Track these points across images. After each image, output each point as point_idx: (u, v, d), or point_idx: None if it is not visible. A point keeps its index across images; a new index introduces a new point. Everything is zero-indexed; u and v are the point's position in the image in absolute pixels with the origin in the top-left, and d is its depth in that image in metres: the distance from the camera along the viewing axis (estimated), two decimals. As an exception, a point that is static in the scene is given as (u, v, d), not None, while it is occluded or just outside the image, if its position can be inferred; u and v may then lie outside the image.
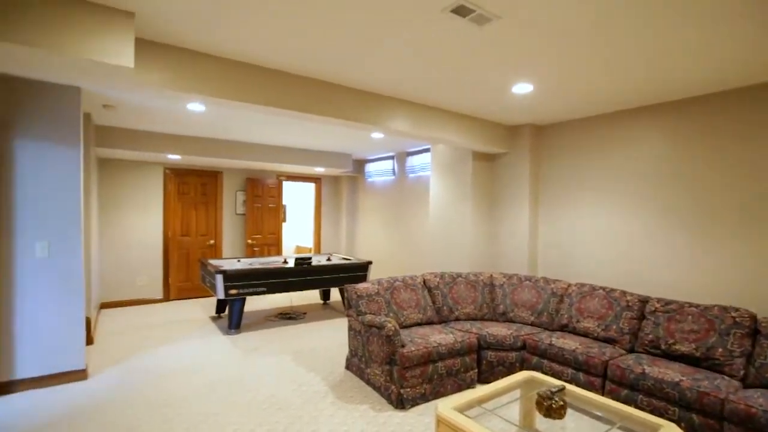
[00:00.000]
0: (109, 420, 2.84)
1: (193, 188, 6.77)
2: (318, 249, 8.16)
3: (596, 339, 3.42)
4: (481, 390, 2.48)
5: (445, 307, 4.06)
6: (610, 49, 2.54)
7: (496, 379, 3.51)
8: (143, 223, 6.35)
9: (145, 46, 2.56)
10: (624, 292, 3.50)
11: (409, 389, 3.10)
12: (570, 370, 3.16)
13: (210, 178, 6.92)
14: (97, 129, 5.03)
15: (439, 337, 3.38)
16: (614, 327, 3.36)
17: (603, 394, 2.96)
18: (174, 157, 5.84)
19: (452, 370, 3.33)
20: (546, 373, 3.29)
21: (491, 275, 4.35)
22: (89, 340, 4.39)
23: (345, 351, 4.33)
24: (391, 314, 3.69)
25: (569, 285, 3.92)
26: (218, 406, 3.07)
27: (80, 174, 3.50)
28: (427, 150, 6.35)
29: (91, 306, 4.55)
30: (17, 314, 3.28)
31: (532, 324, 3.88)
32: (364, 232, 7.96)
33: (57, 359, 3.42)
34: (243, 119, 4.61)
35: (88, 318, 4.35)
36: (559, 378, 3.19)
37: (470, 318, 4.08)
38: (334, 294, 7.15)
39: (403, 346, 3.17)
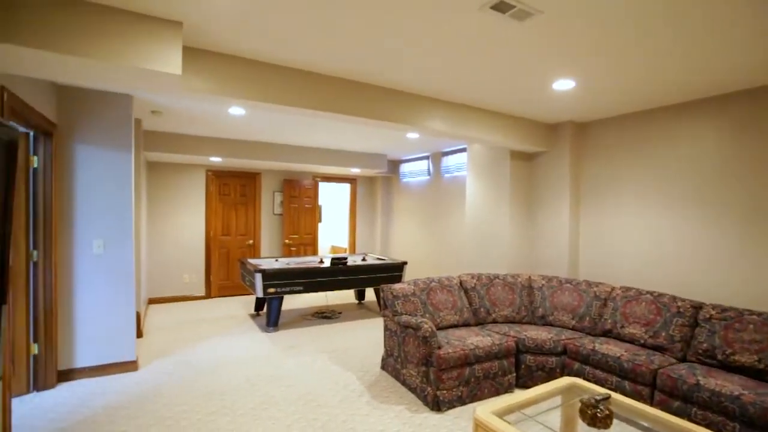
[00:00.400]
0: (158, 410, 2.98)
1: (233, 189, 7.01)
2: (353, 249, 8.24)
3: (643, 346, 3.25)
4: (520, 395, 2.41)
5: (482, 309, 3.99)
6: (652, 40, 2.41)
7: (535, 384, 3.41)
8: (187, 223, 6.63)
9: (191, 54, 2.68)
10: (674, 298, 3.31)
11: (445, 391, 3.06)
12: (615, 378, 3.02)
13: (249, 180, 7.14)
14: (146, 134, 5.31)
15: (476, 339, 3.33)
16: (663, 334, 3.18)
17: (652, 405, 2.81)
18: (215, 160, 6.07)
19: (489, 373, 3.27)
20: (588, 380, 3.16)
21: (530, 277, 4.23)
22: (139, 334, 4.63)
23: (380, 351, 4.35)
24: (427, 315, 3.67)
25: (613, 288, 3.75)
26: (258, 400, 3.16)
27: (132, 177, 3.70)
28: (463, 150, 6.27)
29: (140, 301, 4.80)
30: (77, 307, 3.51)
31: (573, 328, 3.74)
32: (398, 233, 7.96)
33: (110, 350, 3.63)
34: (281, 122, 4.72)
35: (138, 312, 4.60)
36: (603, 386, 3.06)
37: (508, 321, 3.99)
38: (369, 294, 7.19)
39: (439, 347, 3.14)
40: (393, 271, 5.72)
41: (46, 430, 2.71)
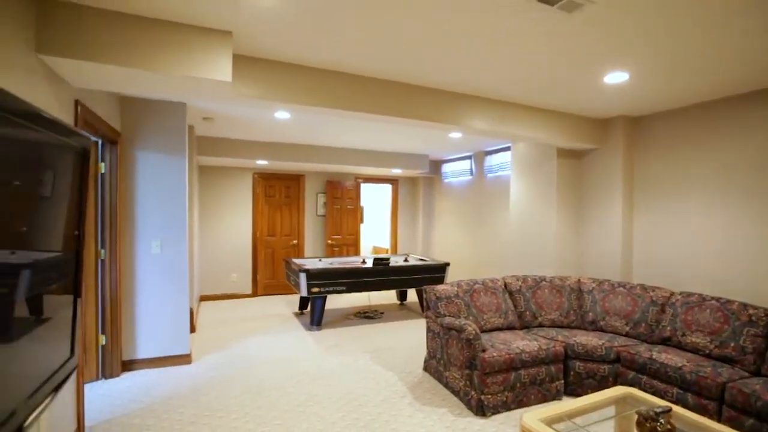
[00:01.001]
0: (210, 402, 3.13)
1: (278, 191, 7.24)
2: (394, 249, 8.26)
3: (708, 356, 3.02)
4: (569, 403, 2.31)
5: (527, 312, 3.86)
6: (715, 27, 2.23)
7: (584, 392, 3.25)
8: (235, 224, 6.93)
9: (239, 61, 2.79)
10: (744, 305, 3.04)
11: (489, 396, 2.99)
12: (675, 390, 2.81)
13: (293, 182, 7.34)
14: (198, 139, 5.60)
15: (522, 343, 3.23)
16: (732, 344, 2.93)
17: (719, 421, 2.60)
18: (262, 163, 6.29)
19: (536, 379, 3.16)
20: (645, 391, 2.97)
21: (579, 280, 4.05)
22: (192, 329, 4.89)
23: (422, 352, 4.32)
24: (471, 317, 3.60)
25: (672, 293, 3.51)
26: (302, 396, 3.24)
27: (186, 180, 3.91)
28: (506, 149, 6.11)
29: (193, 298, 5.06)
30: (138, 302, 3.76)
31: (627, 335, 3.54)
32: (440, 233, 7.88)
33: (167, 344, 3.85)
34: (324, 124, 4.81)
35: (191, 309, 4.85)
36: (662, 398, 2.86)
37: (555, 325, 3.84)
38: (411, 295, 7.18)
39: (484, 350, 3.07)
40: (435, 272, 5.67)
41: (112, 415, 2.92)
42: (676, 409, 2.19)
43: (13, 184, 1.26)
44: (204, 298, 6.70)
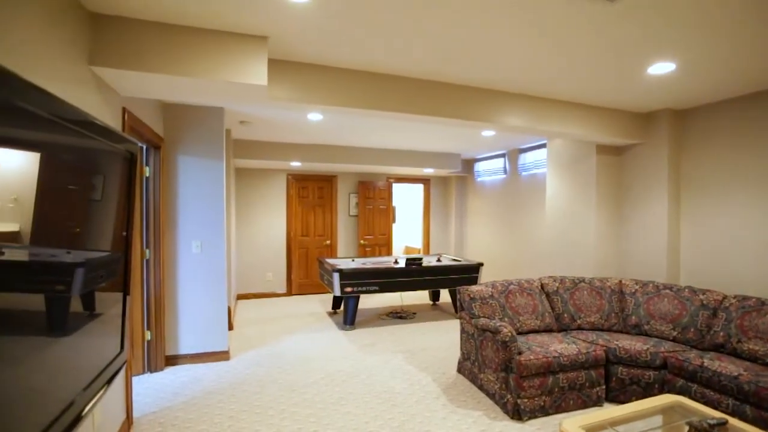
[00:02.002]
0: (248, 398, 3.22)
1: (311, 192, 7.36)
2: (427, 250, 8.21)
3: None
4: (612, 410, 2.22)
5: (565, 315, 3.74)
6: (786, 9, 2.07)
7: (628, 398, 3.11)
8: (270, 225, 7.10)
9: (274, 65, 2.86)
10: (807, 309, 2.81)
11: (526, 400, 2.92)
12: (731, 401, 2.64)
13: (326, 182, 7.44)
14: (235, 142, 5.77)
15: (560, 346, 3.13)
16: (793, 351, 2.72)
17: (778, 433, 2.41)
18: (295, 164, 6.42)
19: (575, 383, 3.05)
20: (696, 400, 2.80)
21: (620, 281, 3.88)
22: (230, 326, 5.05)
23: (456, 353, 4.27)
24: (506, 319, 3.53)
25: (725, 297, 3.30)
26: (336, 395, 3.27)
27: (223, 183, 4.04)
28: (542, 146, 5.94)
29: (231, 297, 5.23)
30: (180, 300, 3.92)
31: (674, 340, 3.35)
32: (473, 233, 7.77)
33: (206, 340, 4.00)
34: (356, 125, 4.85)
35: (229, 307, 5.01)
36: (716, 408, 2.69)
37: (595, 328, 3.69)
38: (444, 295, 7.11)
39: (520, 353, 3.00)
40: (469, 273, 5.59)
41: (158, 408, 3.06)
42: (732, 421, 2.06)
43: (68, 188, 1.34)
44: (241, 297, 6.91)
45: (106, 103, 2.40)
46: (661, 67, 2.90)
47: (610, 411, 2.20)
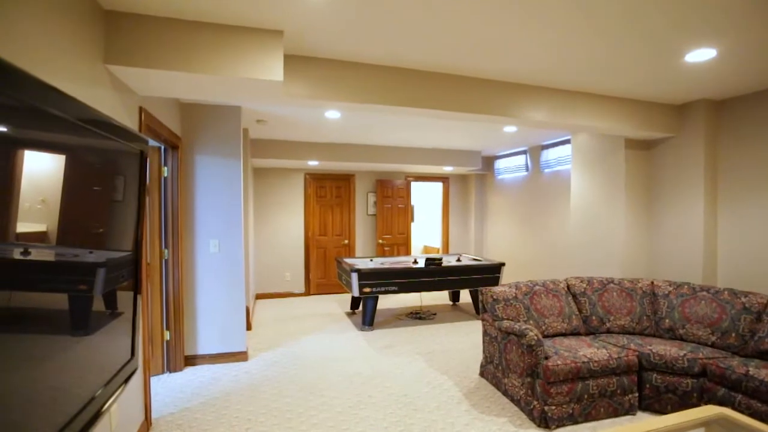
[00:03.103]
0: (266, 400, 3.18)
1: (329, 191, 7.31)
2: (446, 249, 8.07)
3: (818, 373, 2.60)
4: (647, 421, 2.06)
5: (593, 317, 3.57)
6: None
7: (663, 408, 2.93)
8: (288, 225, 7.09)
9: (290, 61, 2.79)
10: None
11: (554, 407, 2.78)
12: (778, 411, 2.45)
13: (344, 181, 7.39)
14: (253, 142, 5.77)
15: (589, 351, 2.97)
16: None
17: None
18: (313, 163, 6.38)
19: (606, 390, 2.89)
20: (741, 412, 2.61)
21: (652, 282, 3.68)
22: (248, 326, 5.04)
23: (478, 355, 4.14)
24: (531, 321, 3.39)
25: (769, 300, 3.08)
26: (355, 399, 3.20)
27: (241, 182, 4.02)
28: (566, 142, 5.74)
29: (249, 297, 5.22)
30: (198, 300, 3.91)
31: (713, 346, 3.15)
32: (493, 232, 7.59)
33: (225, 341, 3.98)
34: (374, 123, 4.76)
35: (247, 307, 5.00)
36: (764, 422, 2.50)
37: (625, 331, 3.51)
38: (464, 295, 6.96)
39: (547, 358, 2.86)
40: (490, 273, 5.44)
41: (176, 409, 3.04)
42: (784, 435, 1.88)
43: (75, 185, 1.29)
44: (259, 297, 6.92)
45: (122, 103, 2.38)
46: (701, 54, 2.71)
47: (645, 422, 2.05)
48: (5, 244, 0.92)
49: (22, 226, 0.98)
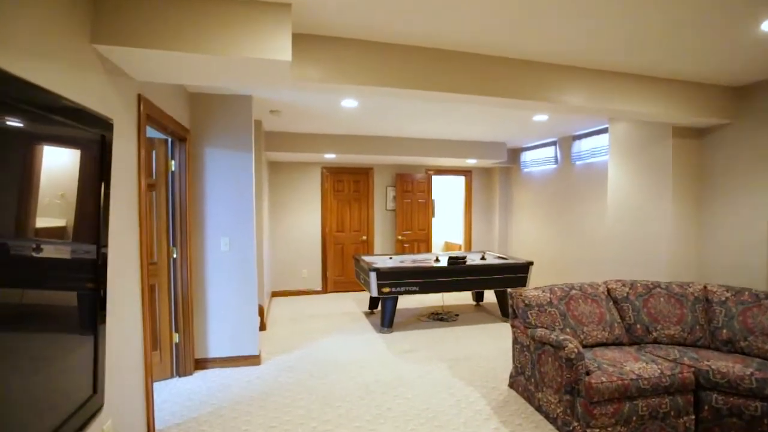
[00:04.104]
0: (277, 410, 2.95)
1: (346, 185, 7.06)
2: (468, 246, 7.72)
3: None
4: (723, 459, 1.73)
5: (638, 326, 3.21)
6: None
7: (725, 432, 2.57)
8: (305, 220, 6.87)
9: (300, 41, 2.52)
10: None
11: (597, 430, 2.45)
12: None
13: (362, 175, 7.12)
14: (267, 134, 5.55)
15: (637, 366, 2.62)
16: None
17: None
18: (329, 156, 6.12)
19: (657, 412, 2.54)
20: (822, 441, 2.23)
21: (705, 287, 3.28)
22: (262, 326, 4.85)
23: (506, 363, 3.83)
24: (568, 329, 3.05)
25: None
26: (374, 411, 2.94)
27: (252, 176, 3.79)
28: (600, 131, 5.31)
29: (264, 295, 5.02)
30: (209, 301, 3.72)
31: (782, 360, 2.75)
32: (519, 229, 7.21)
33: (236, 344, 3.78)
34: (394, 113, 4.46)
35: (261, 306, 4.81)
36: None
37: (675, 342, 3.14)
38: (488, 294, 6.61)
39: (588, 373, 2.53)
40: (517, 272, 5.09)
41: (182, 419, 2.84)
42: None
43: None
44: (275, 294, 6.74)
45: (116, 89, 2.15)
46: (777, 23, 2.30)
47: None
48: None
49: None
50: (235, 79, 2.43)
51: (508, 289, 3.67)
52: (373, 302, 5.64)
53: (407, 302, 6.20)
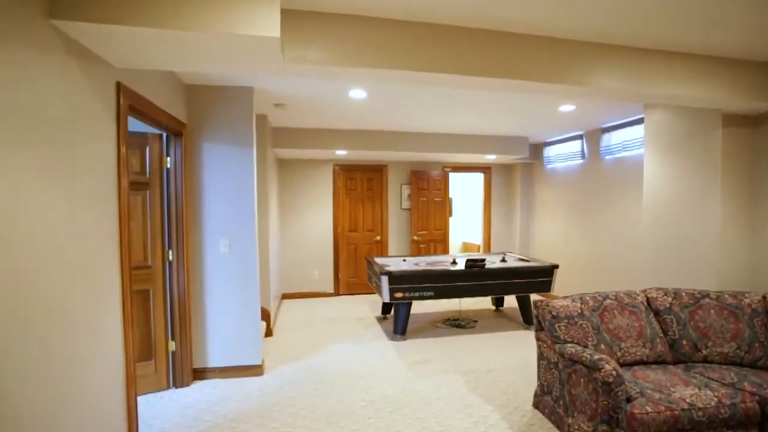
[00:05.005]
0: (277, 429, 2.68)
1: (359, 183, 6.77)
2: (487, 247, 7.33)
3: None
4: None
5: (684, 342, 2.80)
6: None
7: (796, 472, 2.16)
8: (317, 219, 6.61)
9: (295, 18, 2.23)
10: None
11: (641, 468, 2.09)
12: None
13: (375, 173, 6.82)
14: (274, 130, 5.30)
15: (687, 391, 2.24)
16: None
17: None
18: (341, 153, 5.84)
19: (713, 446, 2.16)
20: None
21: (765, 297, 2.86)
22: (268, 332, 4.60)
23: (530, 379, 3.46)
24: (602, 345, 2.67)
25: None
26: (381, 435, 2.64)
27: (254, 174, 3.53)
28: (632, 123, 4.85)
29: (270, 299, 4.78)
30: (207, 307, 3.48)
31: None
32: (542, 229, 6.78)
33: (237, 353, 3.53)
34: (406, 105, 4.14)
35: (267, 310, 4.56)
36: None
37: (729, 362, 2.73)
38: (508, 298, 6.22)
39: (629, 399, 2.17)
40: (541, 276, 4.71)
41: (171, 439, 2.60)
42: None
43: None
44: (286, 297, 6.51)
45: (86, 74, 1.91)
46: None
47: None
48: None
49: None
50: (222, 62, 2.16)
51: (533, 298, 3.31)
52: (385, 307, 5.33)
53: (422, 306, 5.87)
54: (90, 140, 1.95)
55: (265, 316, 4.55)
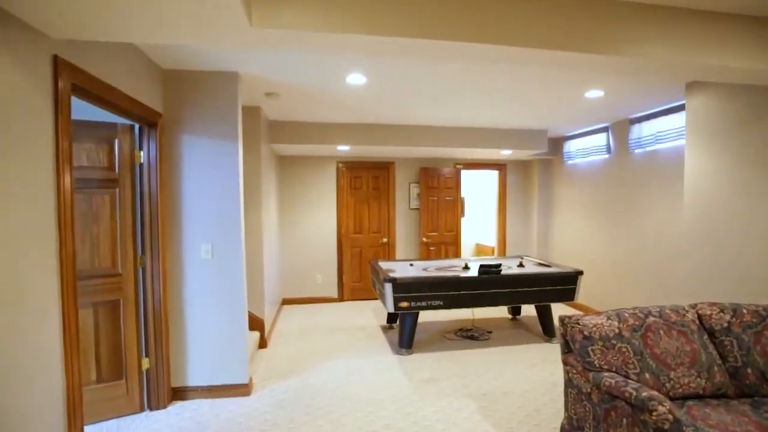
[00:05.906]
0: (253, 471, 2.28)
1: (365, 182, 6.34)
2: (503, 250, 6.84)
3: None
4: None
5: (749, 370, 2.31)
6: None
7: None
8: (320, 220, 6.21)
9: (269, -24, 1.81)
10: None
11: None
12: None
13: (382, 171, 6.39)
14: (270, 124, 4.91)
15: (764, 440, 1.76)
16: None
17: None
18: (344, 149, 5.43)
19: None
20: None
21: None
22: (262, 343, 4.21)
23: (554, 404, 3.00)
24: (647, 374, 2.20)
25: None
26: (378, 479, 2.21)
27: (239, 170, 3.14)
28: (667, 112, 4.32)
29: (267, 304, 4.39)
30: (187, 319, 3.11)
31: None
32: (562, 231, 6.26)
33: (221, 370, 3.15)
34: (411, 93, 3.70)
35: (261, 319, 4.18)
36: None
37: (804, 394, 2.22)
38: (526, 305, 5.73)
39: (689, 453, 1.69)
40: (563, 284, 4.22)
41: (132, 479, 2.22)
42: None
43: None
44: (287, 302, 6.12)
45: (3, 45, 1.52)
46: None
47: None
48: None
49: None
50: (174, 27, 1.75)
51: (556, 308, 2.84)
52: (391, 316, 4.90)
53: (431, 314, 5.42)
54: (17, 131, 1.57)
55: (258, 325, 4.16)
